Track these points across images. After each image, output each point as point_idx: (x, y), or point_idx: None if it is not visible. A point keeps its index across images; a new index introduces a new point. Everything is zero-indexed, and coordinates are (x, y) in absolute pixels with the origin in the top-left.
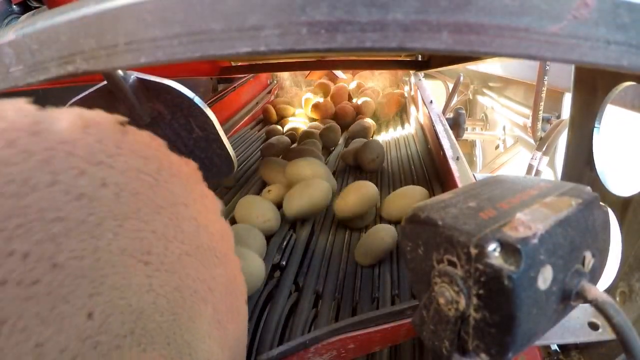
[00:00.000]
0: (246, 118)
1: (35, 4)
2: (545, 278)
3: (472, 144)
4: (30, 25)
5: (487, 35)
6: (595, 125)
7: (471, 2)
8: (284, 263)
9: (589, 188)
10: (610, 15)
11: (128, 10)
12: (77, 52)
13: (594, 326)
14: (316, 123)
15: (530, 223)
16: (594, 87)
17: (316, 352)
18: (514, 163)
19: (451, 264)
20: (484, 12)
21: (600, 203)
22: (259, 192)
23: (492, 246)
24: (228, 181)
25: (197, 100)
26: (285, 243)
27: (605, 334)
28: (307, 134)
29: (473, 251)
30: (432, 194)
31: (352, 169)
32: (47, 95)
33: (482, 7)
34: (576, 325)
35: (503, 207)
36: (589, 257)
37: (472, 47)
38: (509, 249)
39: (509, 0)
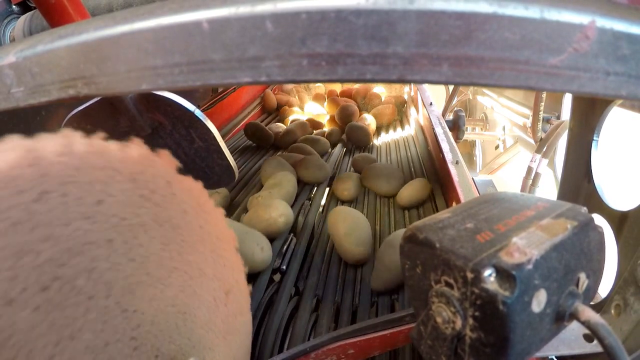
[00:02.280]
0: (247, 119)
1: (34, 5)
2: (539, 301)
3: (472, 144)
4: (30, 49)
5: (487, 68)
6: (594, 138)
7: (472, 36)
8: (284, 267)
9: (585, 209)
10: (610, 47)
11: (128, 38)
12: (78, 77)
13: (589, 338)
14: (298, 145)
15: (525, 248)
16: (593, 99)
17: (316, 357)
18: (514, 163)
19: (448, 285)
20: (484, 45)
21: (596, 224)
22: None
23: (488, 271)
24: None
25: (198, 113)
26: (285, 247)
27: (600, 346)
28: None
29: (469, 275)
30: (431, 196)
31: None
32: None
33: (482, 41)
34: (571, 337)
35: (500, 229)
36: (583, 278)
37: (472, 79)
38: (504, 274)
39: (509, 34)
